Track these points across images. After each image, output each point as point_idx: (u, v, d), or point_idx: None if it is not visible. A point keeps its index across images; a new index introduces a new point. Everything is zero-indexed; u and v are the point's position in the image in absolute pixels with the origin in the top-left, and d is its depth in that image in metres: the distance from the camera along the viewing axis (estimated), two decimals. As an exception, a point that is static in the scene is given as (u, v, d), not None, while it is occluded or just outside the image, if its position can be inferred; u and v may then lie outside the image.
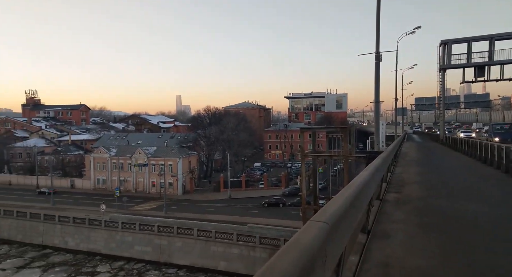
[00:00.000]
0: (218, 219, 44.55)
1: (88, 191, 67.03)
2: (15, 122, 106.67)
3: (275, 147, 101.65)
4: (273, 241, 34.86)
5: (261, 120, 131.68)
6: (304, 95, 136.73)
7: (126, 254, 40.20)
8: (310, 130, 32.11)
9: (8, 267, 38.60)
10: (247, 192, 62.69)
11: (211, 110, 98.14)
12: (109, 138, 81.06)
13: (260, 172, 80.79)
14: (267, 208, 51.55)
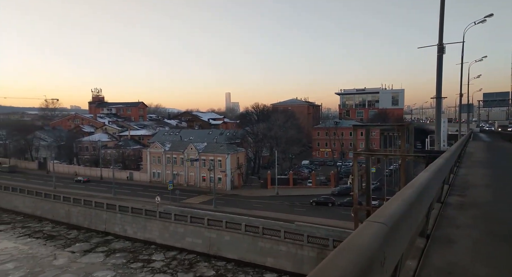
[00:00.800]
0: (266, 215, 44.69)
1: (145, 183, 71.62)
2: (83, 118, 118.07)
3: (324, 145, 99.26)
4: (322, 241, 34.02)
5: (309, 117, 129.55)
6: (356, 91, 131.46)
7: (178, 245, 42.20)
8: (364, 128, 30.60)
9: (76, 250, 42.78)
10: (294, 190, 62.07)
11: (259, 107, 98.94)
12: (163, 133, 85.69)
13: (308, 170, 79.53)
14: (315, 207, 50.53)
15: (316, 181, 65.79)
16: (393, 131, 27.28)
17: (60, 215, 54.41)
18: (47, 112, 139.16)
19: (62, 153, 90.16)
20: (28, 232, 50.20)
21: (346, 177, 69.82)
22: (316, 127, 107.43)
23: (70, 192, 59.01)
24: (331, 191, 58.84)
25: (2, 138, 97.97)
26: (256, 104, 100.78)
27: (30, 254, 41.43)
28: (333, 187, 61.93)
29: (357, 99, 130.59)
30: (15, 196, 60.98)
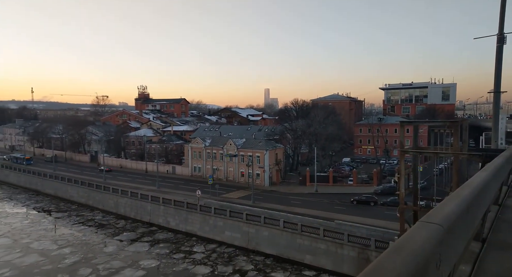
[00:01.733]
0: (304, 212, 44.09)
1: (186, 177, 74.08)
2: (130, 114, 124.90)
3: (366, 142, 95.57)
4: (363, 241, 32.79)
5: (351, 113, 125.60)
6: (402, 86, 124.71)
7: (218, 238, 43.10)
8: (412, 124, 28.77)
9: (124, 239, 45.41)
10: (334, 188, 60.52)
11: (299, 103, 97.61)
12: (204, 129, 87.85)
13: (349, 168, 77.16)
14: (356, 206, 48.89)
15: (358, 179, 63.60)
16: (444, 128, 25.32)
17: (109, 206, 58.11)
18: (98, 108, 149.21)
19: (111, 147, 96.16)
20: (81, 220, 54.27)
21: (390, 175, 66.66)
22: (358, 124, 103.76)
23: (118, 184, 62.76)
24: (374, 190, 56.59)
25: (59, 132, 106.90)
26: (296, 100, 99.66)
27: (83, 240, 44.75)
28: (376, 185, 59.48)
29: (403, 94, 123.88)
30: (70, 186, 66.22)
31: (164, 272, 35.05)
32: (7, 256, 38.98)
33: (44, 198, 68.73)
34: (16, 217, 55.65)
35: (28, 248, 41.59)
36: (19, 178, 79.78)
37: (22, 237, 45.67)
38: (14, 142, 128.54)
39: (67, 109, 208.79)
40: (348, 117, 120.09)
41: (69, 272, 34.81)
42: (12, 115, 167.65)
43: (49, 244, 42.94)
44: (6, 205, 64.12)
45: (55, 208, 61.80)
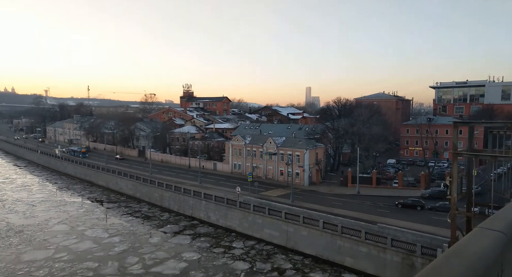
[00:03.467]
0: (345, 214, 42.93)
1: (226, 174, 75.64)
2: (175, 112, 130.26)
3: (413, 143, 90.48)
4: (408, 246, 31.14)
5: (398, 113, 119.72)
6: (456, 84, 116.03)
7: (256, 235, 43.49)
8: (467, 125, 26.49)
9: (168, 231, 47.56)
10: (377, 190, 58.12)
11: (341, 101, 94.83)
12: (245, 127, 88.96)
13: (394, 170, 73.65)
14: (400, 209, 46.54)
15: (403, 182, 60.46)
16: (504, 129, 23.06)
17: (155, 198, 61.18)
18: (146, 106, 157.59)
19: (157, 142, 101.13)
20: (130, 211, 57.79)
21: (439, 179, 62.53)
22: (405, 124, 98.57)
23: (163, 178, 65.84)
24: (421, 193, 53.48)
25: (111, 128, 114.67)
26: (338, 98, 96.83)
27: (131, 230, 47.63)
28: (423, 189, 56.16)
29: (456, 93, 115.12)
30: (120, 179, 70.78)
31: (205, 266, 36.15)
32: (65, 242, 42.72)
33: (97, 189, 74.24)
34: (73, 206, 60.77)
35: (83, 235, 45.23)
36: (75, 169, 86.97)
37: (78, 225, 49.76)
38: (72, 136, 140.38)
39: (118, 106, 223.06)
40: (395, 116, 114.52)
41: (118, 260, 37.25)
42: (70, 111, 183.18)
43: (101, 232, 46.32)
44: (65, 194, 70.24)
45: (106, 198, 66.47)
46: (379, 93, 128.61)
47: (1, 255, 38.35)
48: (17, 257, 37.88)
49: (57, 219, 52.28)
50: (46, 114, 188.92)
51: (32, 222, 50.65)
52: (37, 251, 39.64)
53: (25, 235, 45.03)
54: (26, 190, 72.12)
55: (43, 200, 64.21)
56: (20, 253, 39.02)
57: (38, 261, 36.68)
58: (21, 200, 63.88)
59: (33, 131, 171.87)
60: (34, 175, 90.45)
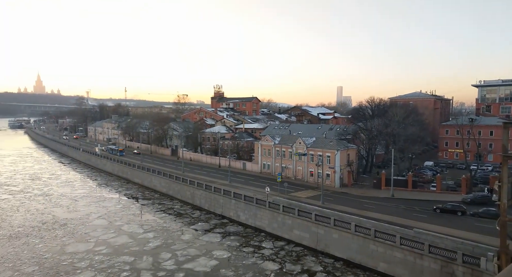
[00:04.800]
0: (378, 217, 41.54)
1: (256, 173, 75.92)
2: (206, 112, 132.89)
3: (454, 145, 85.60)
4: (448, 253, 29.43)
5: (436, 113, 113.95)
6: (502, 82, 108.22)
7: (286, 236, 43.22)
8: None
9: (199, 229, 48.58)
10: (413, 194, 55.62)
11: (375, 101, 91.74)
12: (274, 127, 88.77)
13: (431, 173, 70.21)
14: (439, 215, 44.20)
15: (442, 186, 57.38)
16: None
17: (186, 196, 62.75)
18: (179, 106, 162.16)
19: (189, 142, 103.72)
20: (163, 208, 59.71)
21: (482, 183, 58.70)
22: (444, 124, 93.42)
23: (195, 177, 67.35)
24: (462, 198, 50.52)
25: (146, 127, 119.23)
26: (371, 98, 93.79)
27: (164, 227, 49.20)
28: (465, 194, 53.02)
29: (502, 92, 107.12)
30: (154, 177, 73.36)
31: (235, 264, 36.49)
32: (104, 236, 45.00)
33: (132, 186, 77.50)
34: (111, 202, 63.89)
35: (120, 230, 47.40)
36: (113, 167, 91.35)
37: (115, 220, 52.22)
38: (110, 135, 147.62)
39: (153, 106, 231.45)
40: (433, 117, 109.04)
41: (152, 255, 38.61)
42: (109, 112, 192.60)
43: (136, 228, 48.29)
44: (104, 190, 74.03)
45: (141, 195, 69.18)
46: (416, 92, 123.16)
47: (48, 246, 41.15)
48: (62, 248, 40.47)
49: (97, 214, 55.22)
50: (87, 114, 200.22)
51: (75, 216, 53.90)
52: (79, 243, 42.12)
53: (69, 228, 48.01)
54: (70, 186, 76.88)
55: (84, 195, 68.14)
56: (64, 244, 41.66)
57: (80, 253, 38.95)
58: (65, 195, 68.18)
59: (75, 130, 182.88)
60: (77, 171, 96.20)
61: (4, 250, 39.47)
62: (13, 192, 69.79)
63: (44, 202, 61.97)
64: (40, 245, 41.21)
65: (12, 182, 78.96)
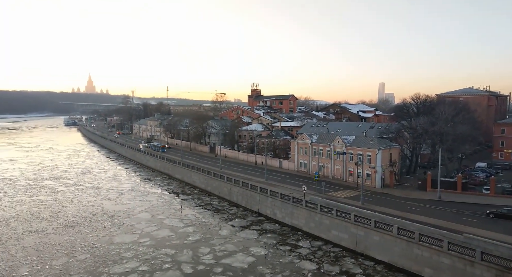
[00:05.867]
0: (423, 220, 39.31)
1: (292, 172, 75.34)
2: (243, 110, 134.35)
3: (510, 145, 78.42)
4: (504, 262, 27.05)
5: (491, 110, 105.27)
6: None
7: (323, 236, 42.44)
8: None
9: (236, 225, 49.32)
10: (463, 196, 51.85)
11: (420, 97, 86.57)
12: (311, 125, 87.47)
13: (484, 174, 65.02)
14: (493, 220, 40.80)
15: (496, 189, 52.85)
16: None
17: (224, 193, 63.97)
18: (217, 104, 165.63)
19: (227, 139, 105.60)
20: (201, 203, 61.44)
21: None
22: (500, 123, 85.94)
23: (232, 174, 68.42)
24: (519, 203, 46.07)
25: (186, 125, 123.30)
26: (417, 94, 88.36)
27: (203, 222, 50.61)
28: (523, 198, 48.30)
29: None
30: (193, 173, 75.68)
31: (272, 262, 36.54)
32: (148, 228, 47.32)
33: (173, 182, 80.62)
34: (153, 196, 67.01)
35: (162, 223, 49.55)
36: (156, 163, 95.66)
37: (158, 213, 54.67)
38: (153, 132, 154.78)
39: (192, 105, 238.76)
40: (486, 114, 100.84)
41: (192, 249, 39.88)
42: (152, 110, 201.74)
43: (177, 222, 50.18)
44: (147, 185, 77.83)
45: (181, 191, 71.75)
46: (467, 88, 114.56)
47: (98, 236, 44.19)
48: (110, 238, 43.23)
49: (141, 207, 58.23)
50: (132, 112, 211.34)
51: (121, 208, 57.27)
52: (125, 234, 44.71)
53: (116, 219, 51.14)
54: (117, 180, 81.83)
55: (129, 189, 72.16)
56: (112, 235, 44.46)
57: (126, 244, 41.33)
58: (113, 188, 72.70)
59: (122, 128, 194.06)
60: (123, 167, 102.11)
61: (60, 238, 43.02)
62: (68, 184, 75.75)
63: (94, 195, 66.57)
64: (91, 235, 44.36)
65: (67, 176, 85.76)
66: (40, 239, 42.45)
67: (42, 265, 35.23)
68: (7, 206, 57.65)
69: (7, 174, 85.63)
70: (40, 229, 46.34)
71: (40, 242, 41.44)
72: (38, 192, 68.07)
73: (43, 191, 69.00)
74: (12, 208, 56.27)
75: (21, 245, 40.63)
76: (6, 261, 36.19)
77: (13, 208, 56.29)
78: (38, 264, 35.35)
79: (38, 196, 64.46)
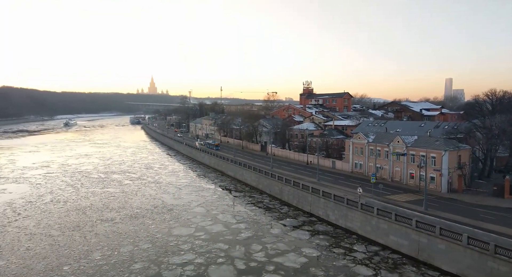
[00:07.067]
0: (499, 230, 35.08)
1: (346, 173, 72.52)
2: (294, 109, 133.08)
3: None
4: None
5: None
6: None
7: (381, 241, 40.08)
8: None
9: (287, 224, 48.88)
10: (550, 206, 45.12)
11: (497, 94, 77.25)
12: (367, 124, 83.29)
13: None
14: None
15: None
16: None
17: (275, 191, 63.88)
18: (268, 103, 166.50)
19: (278, 138, 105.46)
20: (253, 201, 62.09)
21: None
22: None
23: (283, 173, 68.05)
24: None
25: (238, 124, 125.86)
26: (492, 90, 78.98)
27: (255, 219, 51.06)
28: None
29: None
30: (245, 171, 76.88)
31: (325, 264, 35.47)
32: (203, 223, 49.14)
33: (226, 179, 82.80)
34: (208, 192, 69.50)
35: (215, 219, 51.09)
36: (210, 160, 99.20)
37: (212, 209, 56.52)
38: (208, 131, 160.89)
39: (244, 104, 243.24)
40: None
41: (244, 245, 40.41)
42: (207, 109, 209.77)
43: (230, 218, 51.34)
44: (202, 181, 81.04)
45: (233, 187, 73.35)
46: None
47: (159, 227, 47.07)
48: (169, 231, 45.74)
49: (196, 202, 60.76)
50: (189, 111, 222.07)
51: (179, 202, 60.35)
52: (182, 227, 46.96)
53: (174, 213, 54.00)
54: (175, 175, 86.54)
55: (186, 184, 75.80)
56: (171, 227, 47.02)
57: (183, 236, 43.36)
58: (171, 183, 77.02)
59: (179, 126, 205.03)
60: (180, 163, 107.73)
61: (126, 228, 46.66)
62: (133, 178, 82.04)
63: (155, 189, 71.13)
64: (152, 226, 47.40)
65: (132, 170, 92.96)
66: (110, 227, 46.50)
67: (111, 251, 38.50)
68: (83, 196, 64.24)
69: (83, 168, 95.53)
70: (109, 218, 50.77)
71: (110, 230, 45.39)
72: (108, 184, 74.78)
73: (112, 183, 75.60)
74: (87, 198, 62.56)
75: (94, 232, 44.92)
76: (83, 245, 40.26)
77: (88, 198, 62.54)
78: (108, 250, 38.71)
79: (108, 188, 70.77)
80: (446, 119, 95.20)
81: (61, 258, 36.53)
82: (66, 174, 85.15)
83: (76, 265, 34.81)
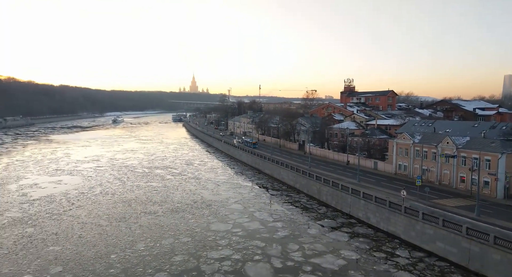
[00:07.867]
0: None
1: (389, 174, 69.36)
2: (334, 107, 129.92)
3: None
4: None
5: None
6: None
7: (426, 247, 37.90)
8: None
9: (325, 225, 47.97)
10: None
11: None
12: (413, 124, 78.83)
13: None
14: None
15: None
16: None
17: (313, 191, 62.91)
18: (307, 102, 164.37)
19: (316, 137, 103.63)
20: (290, 200, 61.72)
21: None
22: None
23: (321, 173, 66.80)
24: None
25: (276, 122, 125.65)
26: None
27: (291, 219, 50.74)
28: None
29: None
30: (282, 169, 76.60)
31: (364, 268, 34.31)
32: (240, 219, 49.86)
33: (263, 177, 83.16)
34: (245, 189, 70.32)
35: (252, 216, 51.55)
36: (247, 158, 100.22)
37: (249, 206, 57.11)
38: (245, 129, 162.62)
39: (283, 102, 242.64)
40: None
41: (281, 244, 40.31)
42: (245, 108, 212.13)
43: (266, 216, 51.51)
44: (240, 178, 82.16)
45: (270, 186, 73.46)
46: None
47: (198, 222, 48.57)
48: (207, 226, 47.02)
49: (234, 199, 61.76)
50: (228, 110, 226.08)
51: (217, 198, 61.78)
52: (220, 223, 48.03)
53: (213, 208, 55.39)
54: (213, 172, 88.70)
55: (224, 181, 77.37)
56: (209, 222, 48.30)
57: (221, 232, 44.34)
58: (210, 179, 79.04)
59: (219, 124, 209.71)
60: (219, 160, 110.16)
61: (168, 221, 48.74)
62: (174, 174, 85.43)
63: (195, 184, 73.45)
64: (192, 220, 49.03)
65: (174, 166, 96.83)
66: (153, 220, 48.88)
67: (154, 243, 40.45)
68: (129, 189, 68.19)
69: (129, 162, 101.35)
70: (152, 211, 53.36)
71: (152, 223, 47.71)
72: (151, 179, 78.61)
73: (155, 178, 79.35)
74: (132, 191, 66.31)
75: (138, 223, 47.50)
76: (128, 236, 42.76)
77: (133, 191, 66.26)
78: (151, 242, 40.72)
79: (152, 183, 74.39)
80: (504, 120, 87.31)
81: (109, 246, 39.09)
82: (114, 168, 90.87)
83: (122, 254, 37.03)
